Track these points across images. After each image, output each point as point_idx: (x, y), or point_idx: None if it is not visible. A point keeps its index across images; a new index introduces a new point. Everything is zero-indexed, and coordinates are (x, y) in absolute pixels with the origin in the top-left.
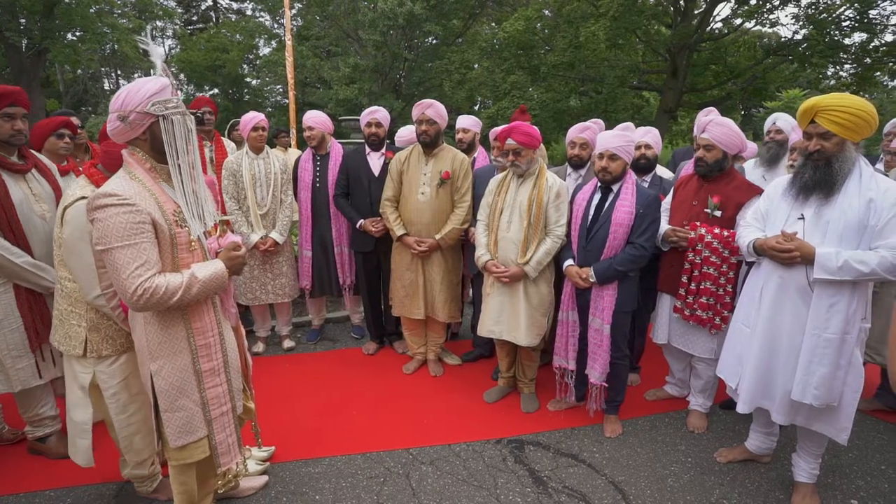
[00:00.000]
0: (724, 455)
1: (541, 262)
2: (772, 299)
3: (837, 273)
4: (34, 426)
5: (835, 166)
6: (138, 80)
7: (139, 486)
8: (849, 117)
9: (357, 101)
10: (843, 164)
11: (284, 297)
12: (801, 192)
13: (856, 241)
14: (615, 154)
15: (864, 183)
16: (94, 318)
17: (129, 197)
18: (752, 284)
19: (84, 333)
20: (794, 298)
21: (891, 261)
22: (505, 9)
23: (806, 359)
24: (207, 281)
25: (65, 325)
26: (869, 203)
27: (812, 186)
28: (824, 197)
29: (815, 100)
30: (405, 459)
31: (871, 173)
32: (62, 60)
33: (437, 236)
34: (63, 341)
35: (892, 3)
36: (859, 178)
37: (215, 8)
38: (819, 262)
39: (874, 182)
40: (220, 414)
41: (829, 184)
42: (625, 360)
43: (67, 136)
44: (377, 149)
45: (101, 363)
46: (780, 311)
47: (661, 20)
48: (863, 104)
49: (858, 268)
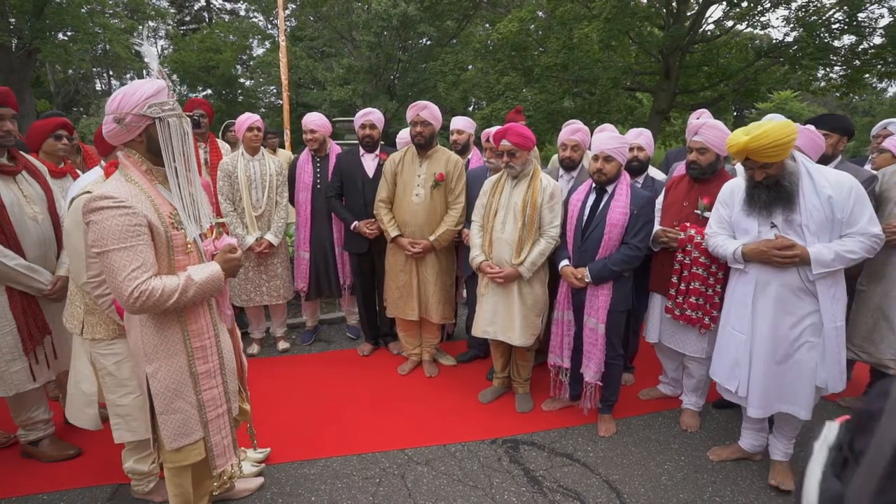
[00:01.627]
0: (716, 454)
1: (535, 263)
2: (772, 305)
3: (832, 265)
4: (27, 430)
5: (784, 183)
6: (134, 82)
7: (136, 484)
8: (777, 147)
9: (351, 102)
10: (790, 176)
11: (279, 299)
12: (764, 208)
13: (828, 234)
14: (610, 156)
15: (816, 181)
16: (90, 302)
17: (124, 199)
18: (742, 292)
19: (82, 315)
20: (794, 301)
21: (869, 244)
22: (499, 10)
23: (830, 348)
24: (204, 283)
25: (71, 305)
26: (829, 200)
27: (771, 203)
28: (786, 208)
29: (742, 144)
30: (400, 460)
31: (815, 169)
32: (53, 60)
33: (431, 238)
34: (69, 319)
35: (881, 7)
36: (810, 178)
37: (208, 8)
38: (815, 259)
39: (823, 178)
40: (216, 416)
41: (788, 198)
42: (619, 359)
43: (66, 137)
44: (371, 150)
45: (96, 345)
46: (781, 315)
47: (653, 22)
48: (781, 130)
49: (848, 256)
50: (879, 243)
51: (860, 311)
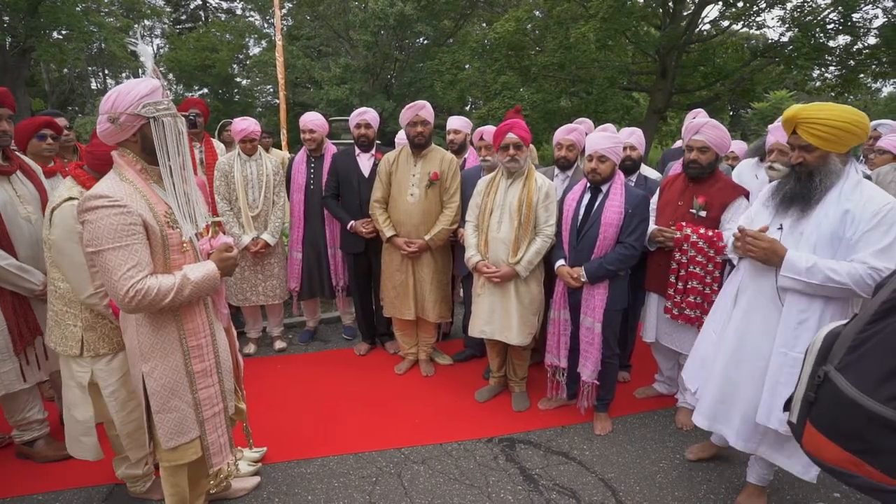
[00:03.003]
0: (693, 452)
1: (531, 262)
2: (744, 309)
3: (805, 274)
4: (21, 430)
5: (816, 179)
6: (129, 81)
7: (132, 486)
8: (830, 130)
9: (348, 102)
10: (825, 177)
11: (275, 299)
12: (782, 202)
13: (829, 253)
14: (604, 156)
15: (845, 193)
16: (90, 317)
17: (119, 198)
18: (727, 292)
19: (80, 333)
20: (765, 311)
21: (861, 274)
22: (496, 9)
23: (773, 379)
24: (199, 282)
25: (61, 326)
26: (844, 214)
27: (792, 198)
28: (801, 210)
29: (796, 109)
30: (397, 459)
31: (856, 182)
32: (48, 59)
33: (426, 237)
34: (59, 342)
35: (875, 7)
36: (841, 189)
37: (204, 7)
38: (788, 260)
39: (858, 192)
40: (212, 415)
41: (807, 197)
42: (615, 358)
43: (50, 136)
44: (367, 150)
45: (99, 361)
46: (750, 323)
47: (650, 22)
48: (845, 114)
49: (828, 273)
50: (874, 279)
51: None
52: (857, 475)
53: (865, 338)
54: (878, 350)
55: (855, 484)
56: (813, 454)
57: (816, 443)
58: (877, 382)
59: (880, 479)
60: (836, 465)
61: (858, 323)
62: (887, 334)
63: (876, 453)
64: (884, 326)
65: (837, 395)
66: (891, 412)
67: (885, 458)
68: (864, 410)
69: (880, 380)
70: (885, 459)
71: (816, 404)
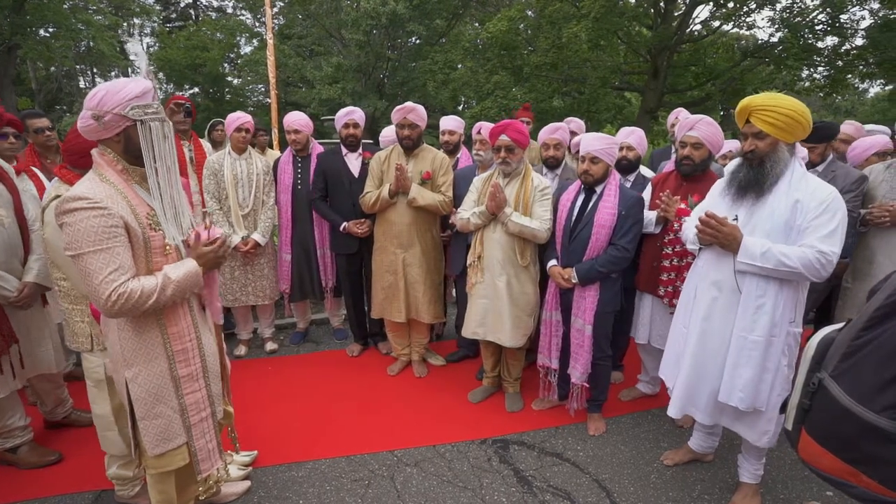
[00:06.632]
0: (669, 457)
1: (521, 227)
2: (705, 301)
3: (760, 259)
4: (3, 437)
5: (766, 166)
6: (119, 80)
7: (120, 489)
8: (781, 117)
9: (340, 101)
10: (774, 164)
11: (265, 299)
12: (738, 192)
13: (782, 240)
14: (596, 157)
15: (794, 184)
16: None
17: (99, 200)
18: (689, 286)
19: (88, 328)
20: (725, 299)
21: (810, 258)
22: (488, 9)
23: (732, 360)
24: (181, 280)
25: (70, 324)
26: (795, 204)
27: (746, 186)
28: (756, 197)
29: (750, 99)
30: (390, 461)
31: (802, 174)
32: (34, 57)
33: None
34: (72, 340)
35: (862, 8)
36: (790, 179)
37: (195, 6)
38: (744, 245)
39: (804, 182)
40: (199, 420)
41: (760, 183)
42: (607, 360)
43: (12, 135)
44: (354, 149)
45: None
46: (713, 311)
47: (641, 22)
48: (795, 105)
49: (780, 258)
50: (823, 265)
51: (846, 308)
52: (855, 486)
53: (860, 345)
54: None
55: (853, 494)
56: (810, 463)
57: (812, 451)
58: (872, 391)
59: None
60: (833, 474)
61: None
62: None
63: (873, 464)
64: (879, 333)
65: (831, 403)
66: (886, 422)
67: (883, 469)
68: (858, 420)
69: (875, 389)
70: (883, 470)
71: (811, 412)
